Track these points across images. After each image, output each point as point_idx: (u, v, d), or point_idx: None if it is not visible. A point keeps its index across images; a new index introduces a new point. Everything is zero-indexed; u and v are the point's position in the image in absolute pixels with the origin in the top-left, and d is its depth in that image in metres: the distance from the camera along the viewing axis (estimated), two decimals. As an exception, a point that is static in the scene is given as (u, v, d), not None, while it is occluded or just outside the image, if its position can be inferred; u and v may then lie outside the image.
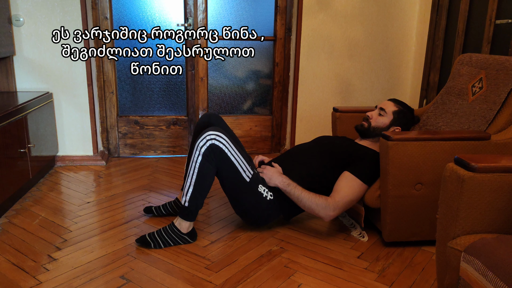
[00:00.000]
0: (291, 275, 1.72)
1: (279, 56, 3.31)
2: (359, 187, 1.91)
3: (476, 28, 2.67)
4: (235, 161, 1.86)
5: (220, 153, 1.83)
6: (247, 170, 1.90)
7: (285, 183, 1.92)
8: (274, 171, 1.98)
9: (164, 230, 1.93)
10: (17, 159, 2.27)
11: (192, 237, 1.96)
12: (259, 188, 1.93)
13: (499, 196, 1.25)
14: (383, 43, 3.28)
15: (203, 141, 1.82)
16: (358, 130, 2.13)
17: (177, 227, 1.93)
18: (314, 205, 1.88)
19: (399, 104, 2.11)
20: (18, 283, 1.62)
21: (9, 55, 2.71)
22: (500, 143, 1.80)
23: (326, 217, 1.90)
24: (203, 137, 1.83)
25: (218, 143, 1.82)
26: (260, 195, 1.93)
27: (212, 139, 1.82)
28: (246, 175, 1.89)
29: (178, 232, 1.92)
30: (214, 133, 1.83)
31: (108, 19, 3.03)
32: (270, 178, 1.95)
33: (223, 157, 1.83)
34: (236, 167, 1.86)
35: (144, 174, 2.88)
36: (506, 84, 1.90)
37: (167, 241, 1.91)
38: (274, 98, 3.40)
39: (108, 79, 3.14)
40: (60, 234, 2.01)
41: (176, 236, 1.92)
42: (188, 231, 1.94)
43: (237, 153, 1.87)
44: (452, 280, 1.23)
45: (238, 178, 1.88)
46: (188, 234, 1.95)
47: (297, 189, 1.91)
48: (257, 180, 1.94)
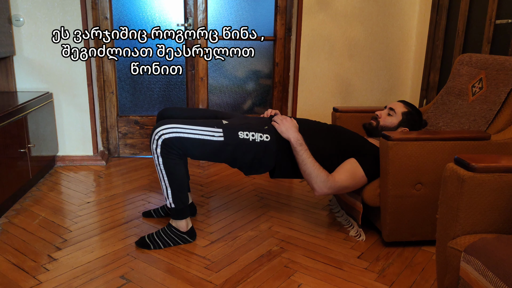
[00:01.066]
0: (291, 275, 1.72)
1: (279, 56, 3.31)
2: (360, 177, 1.91)
3: (476, 28, 2.67)
4: (196, 135, 1.80)
5: (178, 141, 1.77)
6: (215, 132, 1.83)
7: (298, 141, 1.87)
8: (291, 124, 1.92)
9: (163, 231, 1.93)
10: (17, 159, 2.27)
11: (192, 236, 1.96)
12: (240, 136, 1.86)
13: (499, 196, 1.25)
14: (383, 43, 3.28)
15: (154, 144, 1.79)
16: (366, 129, 2.14)
17: (175, 227, 1.93)
18: (315, 174, 1.85)
19: (408, 106, 2.12)
20: (18, 283, 1.62)
21: (9, 55, 2.71)
22: (500, 143, 1.80)
23: (318, 190, 1.87)
24: (152, 140, 1.80)
25: (168, 135, 1.77)
26: (245, 140, 1.86)
27: (160, 135, 1.77)
28: (217, 137, 1.82)
29: (177, 232, 1.92)
30: (158, 129, 1.79)
31: (108, 19, 3.03)
32: (287, 130, 1.89)
33: (183, 142, 1.78)
34: (202, 139, 1.80)
35: (144, 174, 2.88)
36: (506, 84, 1.90)
37: (166, 241, 1.91)
38: (274, 98, 3.40)
39: (108, 79, 3.14)
40: (60, 234, 2.01)
41: (176, 236, 1.92)
42: (187, 229, 1.94)
43: (192, 128, 1.80)
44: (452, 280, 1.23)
45: (212, 145, 1.82)
46: (187, 233, 1.94)
47: (306, 152, 1.87)
48: (232, 131, 1.86)
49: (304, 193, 2.62)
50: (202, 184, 2.71)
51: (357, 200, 2.04)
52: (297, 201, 2.49)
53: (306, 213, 2.32)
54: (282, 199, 2.52)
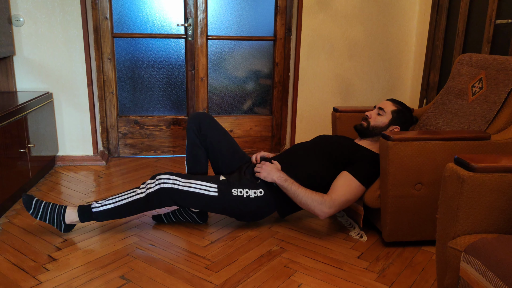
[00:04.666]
0: (291, 275, 1.72)
1: (279, 56, 3.31)
2: (357, 188, 1.91)
3: (476, 28, 2.67)
4: (193, 189, 1.91)
5: (174, 192, 1.88)
6: (210, 187, 1.93)
7: (282, 179, 1.93)
8: (272, 167, 1.98)
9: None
10: (17, 159, 2.27)
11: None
12: (233, 193, 1.95)
13: (499, 196, 1.25)
14: (383, 43, 3.28)
15: (151, 185, 1.89)
16: (357, 130, 2.13)
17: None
18: (310, 201, 1.88)
19: (397, 103, 2.11)
20: (18, 283, 1.62)
21: (9, 55, 2.71)
22: (500, 143, 1.80)
23: (321, 214, 1.89)
24: (151, 181, 1.90)
25: (167, 184, 1.88)
26: (238, 197, 1.95)
27: (160, 182, 1.88)
28: (212, 192, 1.93)
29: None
30: (162, 177, 1.90)
31: (108, 19, 3.03)
32: (268, 173, 1.95)
33: (179, 193, 1.89)
34: (197, 193, 1.91)
35: (144, 174, 2.88)
36: (506, 84, 1.90)
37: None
38: (274, 98, 3.40)
39: (108, 79, 3.14)
40: (60, 234, 2.01)
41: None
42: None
43: (189, 182, 1.92)
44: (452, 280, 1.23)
45: (206, 199, 1.92)
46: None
47: (294, 185, 1.91)
48: (227, 188, 1.95)
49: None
50: (202, 184, 2.71)
51: (359, 203, 2.04)
52: (297, 201, 2.49)
53: (306, 213, 2.32)
54: (282, 199, 2.51)
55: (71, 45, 2.85)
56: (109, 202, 1.92)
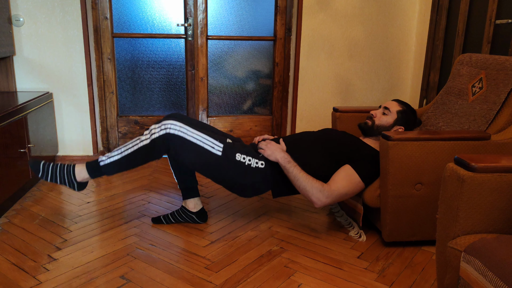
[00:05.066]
0: (291, 275, 1.72)
1: (279, 56, 3.31)
2: (357, 183, 1.91)
3: (476, 28, 2.67)
4: (198, 141, 1.85)
5: (178, 140, 1.82)
6: (216, 145, 1.88)
7: (285, 159, 1.91)
8: (277, 146, 1.96)
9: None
10: (17, 159, 2.27)
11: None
12: (237, 157, 1.90)
13: (499, 196, 1.25)
14: (383, 43, 3.28)
15: (156, 129, 1.84)
16: (362, 128, 2.14)
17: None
18: (309, 187, 1.87)
19: (403, 104, 2.12)
20: (18, 283, 1.62)
21: (9, 55, 2.71)
22: (500, 143, 1.80)
23: (317, 202, 1.88)
24: (157, 125, 1.85)
25: (173, 130, 1.82)
26: (240, 163, 1.91)
27: (167, 127, 1.83)
28: (216, 150, 1.87)
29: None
30: (168, 121, 1.84)
31: (108, 19, 3.03)
32: (273, 152, 1.93)
33: (183, 142, 1.83)
34: (201, 147, 1.85)
35: (144, 174, 2.88)
36: (506, 84, 1.90)
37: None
38: (274, 98, 3.40)
39: (108, 79, 3.14)
40: (60, 234, 2.01)
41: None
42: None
43: (197, 133, 1.86)
44: (452, 280, 1.23)
45: (209, 157, 1.86)
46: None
47: (296, 168, 1.90)
48: (231, 151, 1.90)
49: (304, 193, 2.62)
50: (202, 184, 2.71)
51: (358, 202, 2.04)
52: (297, 201, 2.49)
53: (306, 213, 2.32)
54: (282, 199, 2.51)
55: (71, 45, 2.85)
56: (115, 153, 1.88)
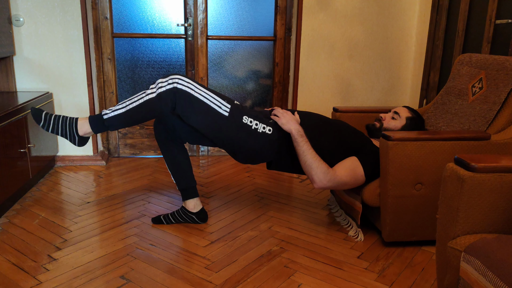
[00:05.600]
0: (291, 275, 1.72)
1: (279, 56, 3.31)
2: (359, 176, 1.91)
3: (476, 28, 2.67)
4: (205, 99, 1.80)
5: (186, 96, 1.77)
6: (223, 105, 1.83)
7: (299, 132, 1.87)
8: (292, 117, 1.93)
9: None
10: (17, 159, 2.27)
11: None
12: (243, 120, 1.86)
13: (499, 196, 1.25)
14: (383, 43, 3.28)
15: (163, 83, 1.78)
16: (369, 129, 2.15)
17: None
18: (316, 165, 1.84)
19: (413, 112, 2.14)
20: (18, 283, 1.62)
21: (9, 55, 2.71)
22: (500, 143, 1.80)
23: (318, 182, 1.85)
24: (164, 80, 1.79)
25: (181, 86, 1.77)
26: (246, 126, 1.86)
27: (174, 82, 1.77)
28: (223, 110, 1.82)
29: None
30: (176, 76, 1.79)
31: (108, 19, 3.03)
32: (288, 122, 1.89)
33: (191, 99, 1.78)
34: (208, 105, 1.80)
35: (144, 174, 2.88)
36: (506, 84, 1.90)
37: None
38: (274, 98, 3.40)
39: (108, 79, 3.14)
40: (60, 234, 2.01)
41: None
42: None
43: (205, 92, 1.81)
44: (452, 280, 1.23)
45: (215, 116, 1.82)
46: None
47: (307, 144, 1.87)
48: (238, 112, 1.86)
49: (304, 193, 2.62)
50: (202, 184, 2.71)
51: (357, 200, 2.04)
52: (297, 201, 2.49)
53: (306, 213, 2.32)
54: (282, 199, 2.52)
55: (71, 45, 2.85)
56: (120, 107, 1.84)
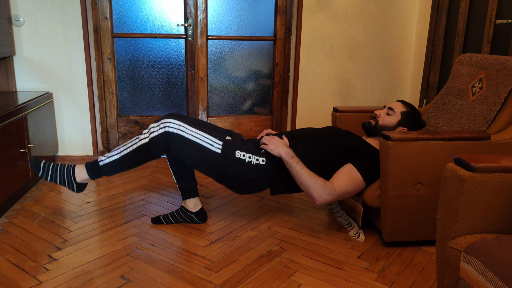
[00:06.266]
0: (291, 275, 1.72)
1: (279, 56, 3.31)
2: (358, 182, 1.91)
3: (476, 28, 2.67)
4: (197, 139, 1.85)
5: (178, 138, 1.83)
6: (215, 142, 1.87)
7: (289, 155, 1.89)
8: (280, 141, 1.95)
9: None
10: (17, 159, 2.27)
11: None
12: (236, 155, 1.90)
13: (499, 196, 1.25)
14: (383, 43, 3.28)
15: (155, 128, 1.84)
16: (365, 128, 2.14)
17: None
18: (312, 183, 1.86)
19: (407, 106, 2.12)
20: (18, 283, 1.62)
21: (9, 55, 2.71)
22: (500, 143, 1.80)
23: (319, 199, 1.87)
24: (155, 124, 1.85)
25: (172, 129, 1.83)
26: (240, 161, 1.90)
27: (166, 126, 1.83)
28: (215, 147, 1.87)
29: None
30: (166, 119, 1.85)
31: (108, 19, 3.03)
32: (276, 147, 1.92)
33: (183, 141, 1.83)
34: (200, 144, 1.85)
35: (144, 174, 2.88)
36: (506, 84, 1.90)
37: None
38: (274, 98, 3.40)
39: (108, 79, 3.14)
40: (60, 234, 2.01)
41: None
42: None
43: (196, 132, 1.86)
44: (452, 280, 1.23)
45: (208, 154, 1.86)
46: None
47: (299, 164, 1.89)
48: (231, 148, 1.90)
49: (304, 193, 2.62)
50: (202, 184, 2.71)
51: (358, 202, 2.04)
52: (297, 201, 2.49)
53: (306, 213, 2.32)
54: (282, 199, 2.52)
55: (71, 45, 2.85)
56: (114, 153, 1.90)
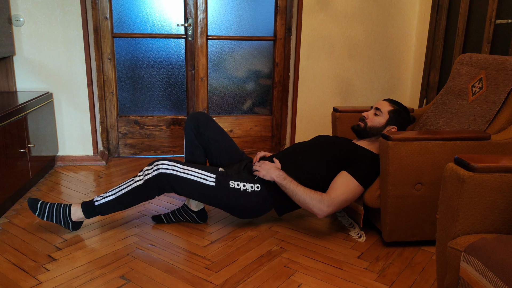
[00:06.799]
0: (291, 275, 1.72)
1: (279, 56, 3.31)
2: (356, 188, 1.91)
3: (476, 28, 2.67)
4: (190, 176, 1.91)
5: (172, 178, 1.89)
6: (208, 176, 1.94)
7: (281, 177, 1.93)
8: (271, 165, 1.98)
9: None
10: (17, 159, 2.27)
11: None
12: (230, 185, 1.95)
13: (499, 196, 1.25)
14: (383, 43, 3.28)
15: (149, 171, 1.91)
16: (355, 131, 2.13)
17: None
18: (309, 199, 1.87)
19: (394, 103, 2.11)
20: (18, 283, 1.62)
21: (9, 55, 2.71)
22: (500, 143, 1.80)
23: (319, 213, 1.88)
24: (149, 167, 1.92)
25: (165, 170, 1.89)
26: (235, 190, 1.95)
27: (159, 168, 1.89)
28: (209, 181, 1.93)
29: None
30: (160, 162, 1.91)
31: (108, 19, 3.03)
32: (267, 172, 1.95)
33: (177, 179, 1.90)
34: (194, 180, 1.92)
35: (144, 174, 2.88)
36: (506, 84, 1.90)
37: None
38: (274, 98, 3.40)
39: (108, 79, 3.14)
40: (60, 234, 2.01)
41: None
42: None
43: (188, 169, 1.93)
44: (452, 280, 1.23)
45: (203, 189, 1.93)
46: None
47: (292, 183, 1.91)
48: (224, 179, 1.95)
49: (304, 193, 2.62)
50: (202, 184, 2.71)
51: (358, 203, 2.04)
52: (297, 201, 2.49)
53: (306, 213, 2.32)
54: (282, 199, 2.51)
55: (71, 45, 2.85)
56: (110, 194, 1.94)
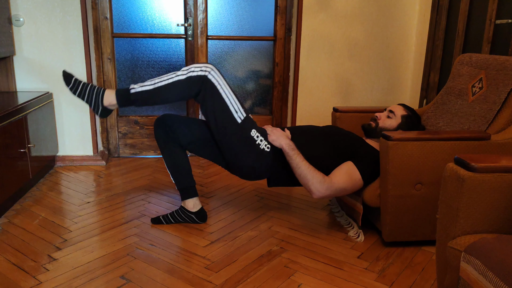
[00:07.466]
0: (291, 275, 1.72)
1: (279, 56, 3.31)
2: (357, 180, 1.91)
3: (476, 28, 2.67)
4: (227, 99, 1.84)
5: (212, 88, 1.81)
6: (240, 111, 1.87)
7: (290, 146, 1.90)
8: (282, 133, 1.97)
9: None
10: (17, 159, 2.27)
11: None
12: (251, 133, 1.91)
13: (499, 196, 1.25)
14: (383, 43, 3.28)
15: (197, 68, 1.81)
16: (365, 129, 2.14)
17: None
18: (310, 176, 1.86)
19: (408, 109, 2.13)
20: (18, 283, 1.62)
21: (9, 55, 2.71)
22: (500, 143, 1.80)
23: (316, 193, 1.87)
24: (199, 65, 1.81)
25: (212, 77, 1.81)
26: (252, 140, 1.91)
27: (209, 71, 1.80)
28: (238, 116, 1.86)
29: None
30: (211, 67, 1.82)
31: (108, 19, 3.03)
32: (278, 138, 1.93)
33: (214, 93, 1.81)
34: (227, 106, 1.84)
35: (144, 174, 2.88)
36: (506, 84, 1.90)
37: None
38: (274, 98, 3.40)
39: (108, 79, 3.14)
40: (60, 234, 2.01)
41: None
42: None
43: (230, 93, 1.84)
44: (452, 280, 1.23)
45: (229, 118, 1.85)
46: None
47: (299, 156, 1.89)
48: (250, 124, 1.91)
49: (304, 193, 2.62)
50: (202, 184, 2.71)
51: (358, 201, 2.04)
52: (297, 201, 2.49)
53: (306, 213, 2.32)
54: (282, 199, 2.52)
55: (71, 45, 2.85)
56: (148, 83, 1.87)
